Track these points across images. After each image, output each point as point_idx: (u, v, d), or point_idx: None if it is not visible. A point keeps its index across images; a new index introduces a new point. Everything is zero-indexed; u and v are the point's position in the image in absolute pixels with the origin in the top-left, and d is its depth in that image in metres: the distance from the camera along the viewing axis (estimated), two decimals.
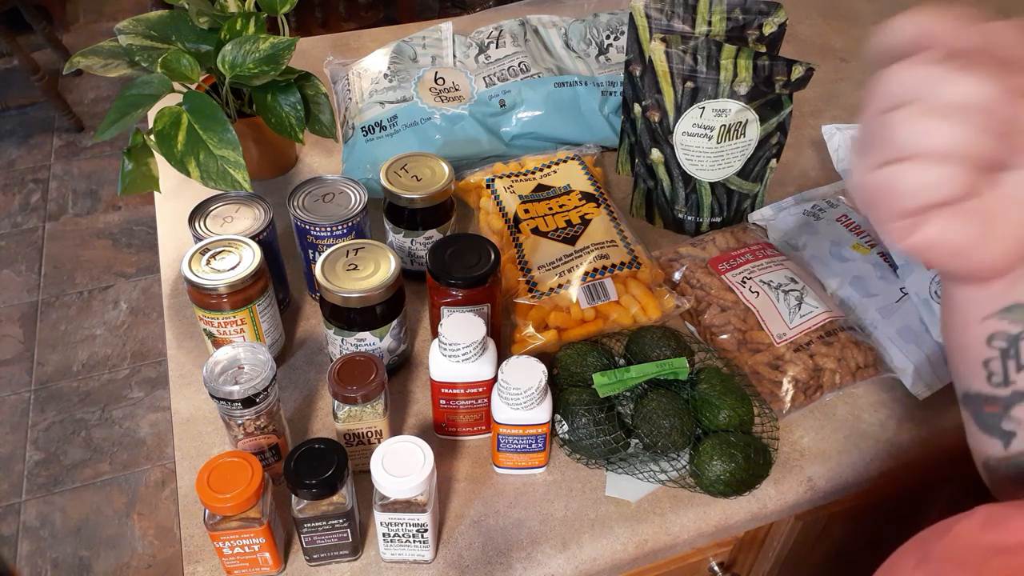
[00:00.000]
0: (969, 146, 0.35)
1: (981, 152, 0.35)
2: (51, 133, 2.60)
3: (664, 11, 0.78)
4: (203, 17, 0.80)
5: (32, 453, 1.72)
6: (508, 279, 0.74)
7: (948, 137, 0.35)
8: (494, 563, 0.60)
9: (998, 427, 0.45)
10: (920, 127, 0.35)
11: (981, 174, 0.36)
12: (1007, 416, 0.44)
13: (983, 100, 0.35)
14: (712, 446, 0.62)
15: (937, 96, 0.35)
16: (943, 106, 0.35)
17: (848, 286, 0.76)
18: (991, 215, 0.38)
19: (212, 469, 0.54)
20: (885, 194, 0.38)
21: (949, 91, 0.35)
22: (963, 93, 0.35)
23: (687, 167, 0.80)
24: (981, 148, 0.35)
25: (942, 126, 0.35)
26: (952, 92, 0.35)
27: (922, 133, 0.35)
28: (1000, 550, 0.36)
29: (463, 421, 0.66)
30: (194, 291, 0.65)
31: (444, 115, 0.87)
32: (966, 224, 0.38)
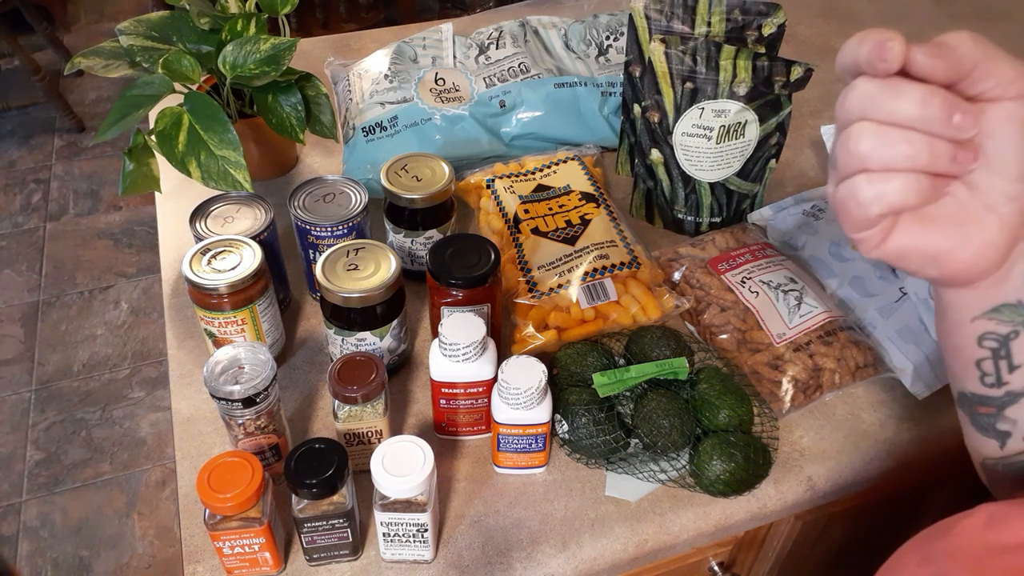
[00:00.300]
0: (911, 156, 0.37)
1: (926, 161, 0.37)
2: (52, 133, 2.60)
3: (663, 12, 0.79)
4: (204, 18, 0.80)
5: (32, 453, 1.72)
6: (508, 279, 0.74)
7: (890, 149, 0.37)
8: (494, 563, 0.60)
9: (993, 427, 0.45)
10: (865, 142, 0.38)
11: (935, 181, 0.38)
12: (1001, 416, 0.44)
13: (921, 113, 0.37)
14: (712, 446, 0.62)
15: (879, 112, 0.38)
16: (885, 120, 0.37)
17: (847, 286, 0.76)
18: (957, 220, 0.40)
19: (212, 469, 0.54)
20: (847, 207, 0.39)
21: (889, 106, 0.37)
22: (902, 108, 0.37)
23: (687, 167, 0.80)
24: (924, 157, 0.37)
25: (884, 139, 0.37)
26: (892, 107, 0.37)
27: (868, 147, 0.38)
28: (1003, 549, 0.36)
29: (463, 421, 0.66)
30: (195, 291, 0.65)
31: (444, 116, 0.88)
32: (930, 231, 0.40)
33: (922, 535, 0.40)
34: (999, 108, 0.38)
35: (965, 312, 0.44)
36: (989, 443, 0.46)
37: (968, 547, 0.37)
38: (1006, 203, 0.39)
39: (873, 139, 0.38)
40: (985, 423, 0.46)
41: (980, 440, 0.47)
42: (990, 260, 0.41)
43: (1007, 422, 0.44)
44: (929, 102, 0.37)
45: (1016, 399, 0.43)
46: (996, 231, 0.40)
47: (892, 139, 0.37)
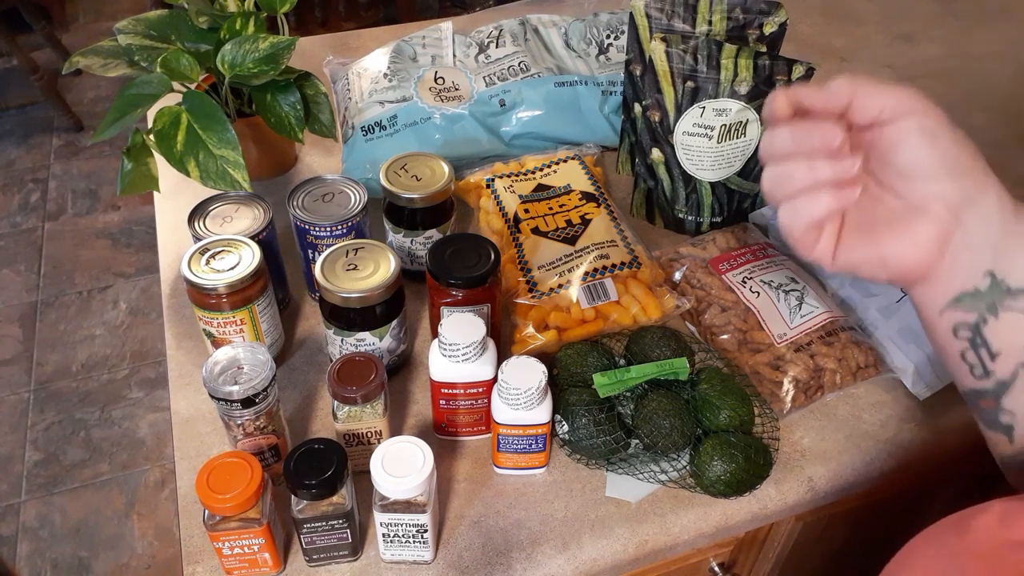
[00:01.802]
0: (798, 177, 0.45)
1: (808, 176, 0.45)
2: (50, 133, 2.60)
3: (664, 10, 0.78)
4: (202, 17, 0.80)
5: (31, 453, 1.72)
6: (508, 279, 0.74)
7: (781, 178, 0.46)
8: (494, 564, 0.59)
9: (998, 422, 0.47)
10: (765, 181, 0.47)
11: (843, 189, 0.45)
12: (1001, 408, 0.46)
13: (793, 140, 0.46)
14: (712, 446, 0.62)
15: (771, 152, 0.47)
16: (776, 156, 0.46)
17: (848, 286, 0.76)
18: (891, 224, 0.46)
19: (212, 469, 0.54)
20: (785, 235, 0.48)
21: (773, 145, 0.47)
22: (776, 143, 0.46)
23: (687, 167, 0.80)
24: (806, 174, 0.45)
25: (774, 173, 0.47)
26: (774, 146, 0.47)
27: (768, 184, 0.47)
28: (1017, 545, 0.36)
29: (463, 421, 0.66)
30: (193, 291, 0.65)
31: (444, 115, 0.87)
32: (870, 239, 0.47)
33: (934, 529, 0.40)
34: (896, 126, 0.44)
35: (933, 306, 0.48)
36: (999, 439, 0.47)
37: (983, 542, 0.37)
38: (930, 202, 0.45)
39: (769, 177, 0.47)
40: (990, 418, 0.47)
41: (991, 437, 0.48)
42: (928, 253, 0.46)
43: (1007, 414, 0.46)
44: (795, 130, 0.45)
45: (1007, 387, 0.45)
46: (928, 227, 0.45)
47: (780, 171, 0.46)
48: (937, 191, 0.45)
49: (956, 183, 0.45)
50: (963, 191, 0.45)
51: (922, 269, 0.46)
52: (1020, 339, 0.44)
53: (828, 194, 0.45)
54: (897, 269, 0.47)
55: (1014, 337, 0.44)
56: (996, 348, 0.45)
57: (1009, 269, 0.44)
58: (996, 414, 0.47)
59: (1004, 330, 0.44)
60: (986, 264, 0.45)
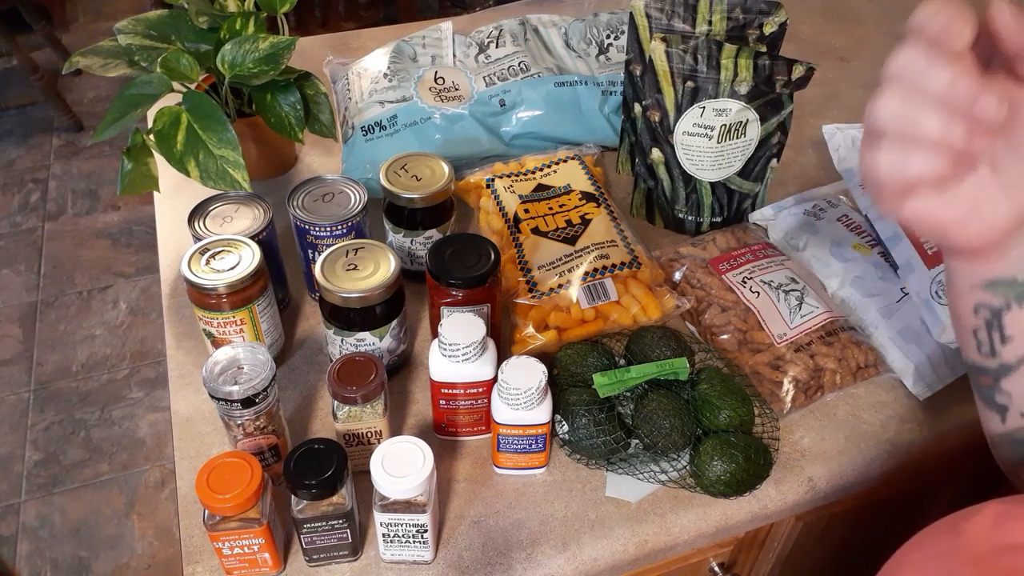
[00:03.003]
0: (924, 128, 0.37)
1: (938, 135, 0.37)
2: (50, 133, 2.60)
3: (664, 10, 0.78)
4: (202, 17, 0.80)
5: (31, 453, 1.72)
6: (508, 279, 0.74)
7: (907, 116, 0.38)
8: (494, 564, 0.59)
9: (994, 400, 0.47)
10: (888, 105, 0.38)
11: (956, 159, 0.38)
12: (998, 388, 0.46)
13: (949, 89, 0.36)
14: (712, 446, 0.62)
15: (912, 79, 0.37)
16: (915, 89, 0.37)
17: (849, 286, 0.76)
18: (972, 197, 0.41)
19: (211, 469, 0.54)
20: (866, 169, 0.41)
21: (922, 77, 0.37)
22: (932, 81, 0.37)
23: (687, 167, 0.80)
24: (938, 131, 0.37)
25: (905, 106, 0.38)
26: (924, 79, 0.37)
27: (888, 111, 0.38)
28: (1010, 548, 0.36)
29: (463, 421, 0.66)
30: (193, 291, 0.65)
31: (444, 115, 0.87)
32: (944, 202, 0.41)
33: (927, 532, 0.40)
34: None
35: (964, 281, 0.46)
36: (993, 417, 0.48)
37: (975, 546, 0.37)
38: (1022, 188, 0.40)
39: (896, 105, 0.38)
40: (987, 395, 0.48)
41: (986, 415, 0.49)
42: (993, 239, 0.42)
43: (1004, 395, 0.46)
44: (959, 81, 0.36)
45: (1009, 371, 0.45)
46: (1006, 213, 0.41)
47: (913, 107, 0.37)
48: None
49: None
50: None
51: (976, 248, 0.43)
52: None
53: (947, 160, 0.38)
54: (955, 241, 0.43)
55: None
56: (1009, 333, 0.45)
57: None
58: (993, 392, 0.47)
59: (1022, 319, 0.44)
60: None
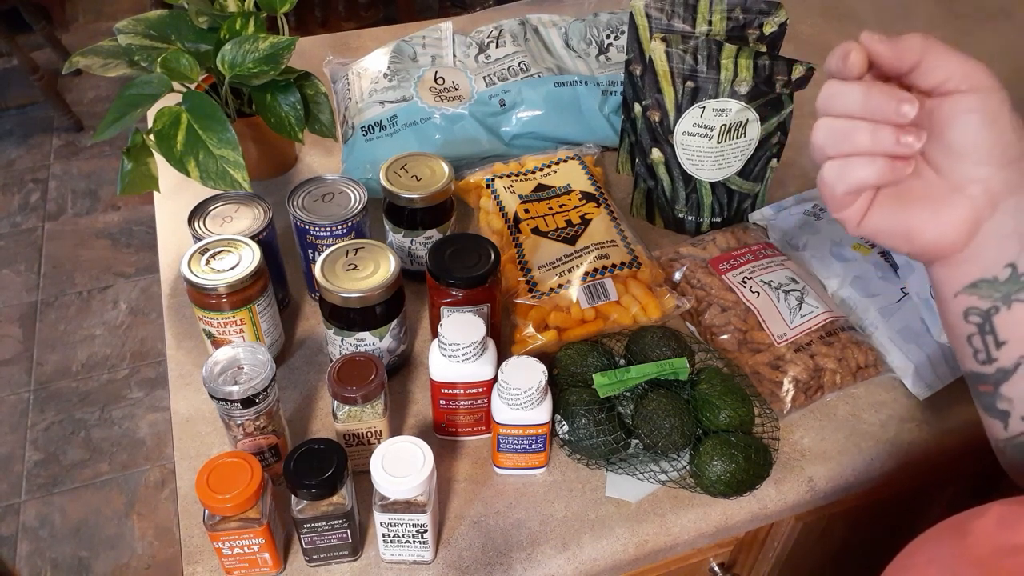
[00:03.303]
0: (858, 141, 0.43)
1: (869, 144, 0.42)
2: (50, 133, 2.60)
3: (664, 10, 0.78)
4: (202, 17, 0.80)
5: (31, 453, 1.72)
6: (508, 279, 0.74)
7: (839, 136, 0.43)
8: (494, 564, 0.59)
9: (995, 407, 0.47)
10: (820, 134, 0.44)
11: (892, 163, 0.43)
12: (999, 395, 0.47)
13: (864, 103, 0.42)
14: (712, 446, 0.62)
15: (832, 107, 0.44)
16: (837, 113, 0.44)
17: (849, 286, 0.76)
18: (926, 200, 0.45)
19: (211, 469, 0.54)
20: (821, 191, 0.46)
21: (839, 102, 0.43)
22: (848, 101, 0.43)
23: (687, 167, 0.80)
24: (868, 141, 0.42)
25: (833, 130, 0.44)
26: (841, 102, 0.43)
27: (822, 138, 0.44)
28: (1015, 549, 0.36)
29: (463, 421, 0.66)
30: (193, 291, 0.65)
31: (444, 115, 0.87)
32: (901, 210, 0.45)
33: (931, 534, 0.40)
34: (956, 100, 0.42)
35: (949, 287, 0.47)
36: (995, 424, 0.48)
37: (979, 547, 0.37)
38: (971, 185, 0.44)
39: (825, 131, 0.44)
40: (987, 403, 0.48)
41: (988, 421, 0.49)
42: (957, 236, 0.45)
43: (1005, 401, 0.46)
44: (870, 94, 0.42)
45: (1008, 376, 0.46)
46: (962, 210, 0.44)
47: (840, 128, 0.43)
48: (982, 175, 0.43)
49: (1003, 171, 0.43)
50: (1007, 180, 0.43)
51: (946, 249, 0.45)
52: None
53: (883, 164, 0.43)
54: (921, 245, 0.46)
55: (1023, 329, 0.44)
56: (1003, 337, 0.45)
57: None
58: (994, 399, 0.47)
59: (1014, 321, 0.45)
60: (1010, 256, 0.44)
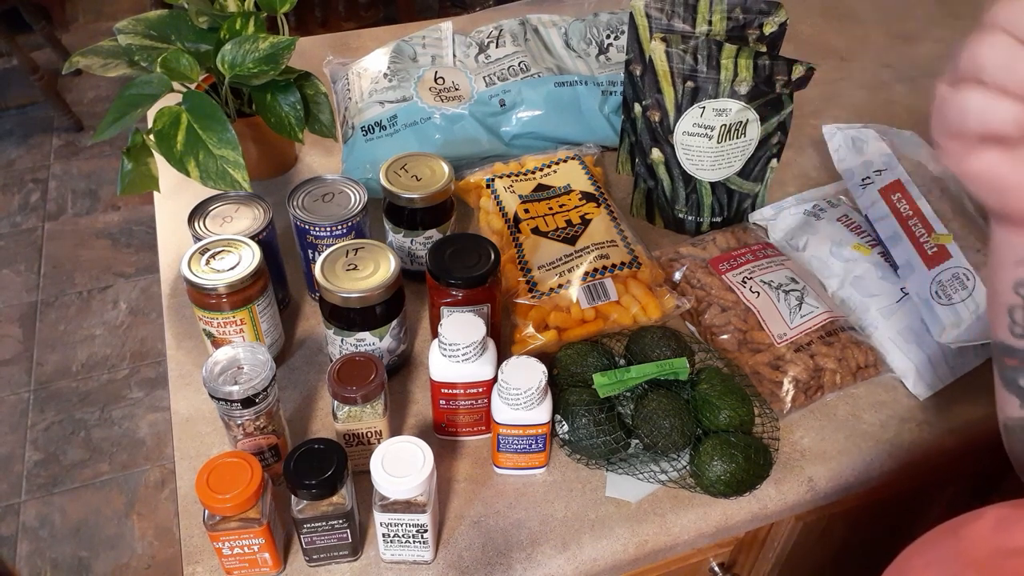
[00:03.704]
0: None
1: None
2: (50, 133, 2.59)
3: (664, 10, 0.78)
4: (202, 17, 0.80)
5: (31, 453, 1.72)
6: (508, 279, 0.74)
7: (1012, 67, 0.36)
8: (494, 564, 0.59)
9: (1016, 383, 0.45)
10: (993, 51, 0.37)
11: None
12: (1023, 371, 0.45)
13: None
14: (712, 446, 0.62)
15: (1019, 24, 0.36)
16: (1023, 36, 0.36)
17: (849, 286, 0.76)
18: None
19: (211, 469, 0.54)
20: (948, 109, 0.39)
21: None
22: None
23: (687, 167, 0.80)
24: None
25: (1012, 55, 0.36)
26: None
27: (993, 57, 0.37)
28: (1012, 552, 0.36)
29: (463, 421, 0.66)
30: (193, 291, 0.65)
31: (444, 115, 0.87)
32: (1011, 163, 0.39)
33: (928, 537, 0.40)
34: None
35: (1009, 254, 0.44)
36: (1011, 401, 0.47)
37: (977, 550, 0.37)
38: None
39: (1000, 49, 0.37)
40: (1010, 377, 0.46)
41: (1004, 397, 0.47)
42: None
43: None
44: None
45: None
46: None
47: (1016, 55, 0.36)
48: None
49: None
50: None
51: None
52: None
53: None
54: (1012, 205, 0.42)
55: None
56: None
57: None
58: (1017, 375, 0.45)
59: None
60: None
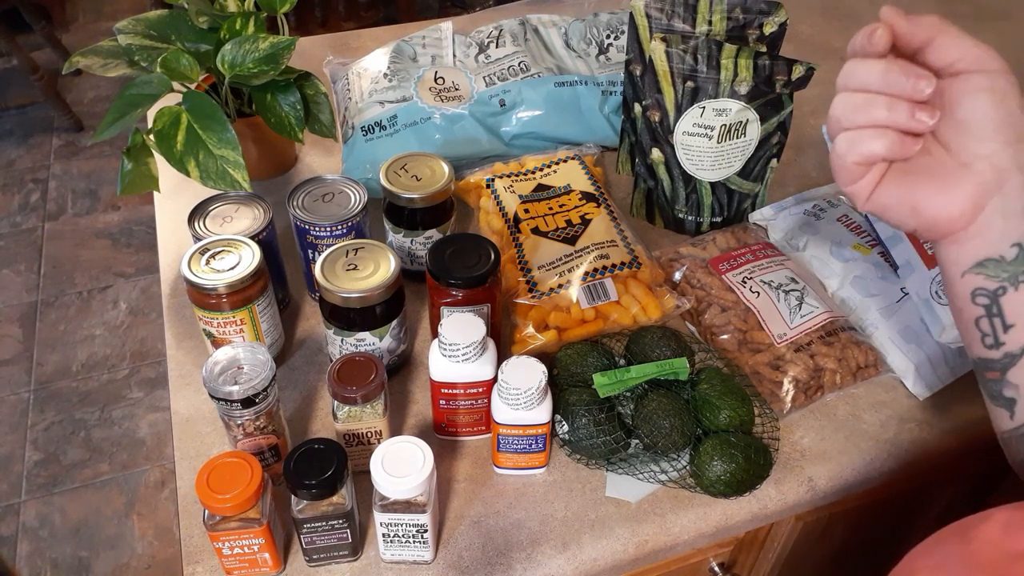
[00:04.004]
0: (874, 115, 0.45)
1: (886, 117, 0.44)
2: (50, 133, 2.60)
3: (664, 10, 0.78)
4: (202, 17, 0.80)
5: (31, 453, 1.72)
6: (508, 279, 0.74)
7: (856, 109, 0.45)
8: (494, 564, 0.59)
9: (1001, 395, 0.47)
10: (837, 106, 0.46)
11: (903, 138, 0.45)
12: (1006, 382, 0.47)
13: (883, 79, 0.44)
14: (712, 446, 0.62)
15: (851, 82, 0.46)
16: (856, 89, 0.46)
17: (849, 286, 0.76)
18: (934, 174, 0.46)
19: (211, 469, 0.54)
20: (833, 161, 0.47)
21: (858, 77, 0.45)
22: (868, 76, 0.45)
23: (687, 167, 0.80)
24: (885, 114, 0.44)
25: (850, 102, 0.45)
26: (860, 78, 0.45)
27: (839, 109, 0.46)
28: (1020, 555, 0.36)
29: (463, 421, 0.66)
30: (193, 291, 0.65)
31: (444, 115, 0.87)
32: (910, 184, 0.46)
33: (935, 539, 0.40)
34: (968, 79, 0.44)
35: (956, 267, 0.48)
36: (1001, 414, 0.48)
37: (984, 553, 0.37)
38: (978, 161, 0.45)
39: (843, 103, 0.46)
40: (994, 391, 0.48)
41: (995, 412, 0.49)
42: (962, 211, 0.45)
43: (1011, 388, 0.46)
44: (889, 69, 0.44)
45: (1015, 361, 0.46)
46: (968, 186, 0.45)
47: (857, 102, 0.45)
48: (989, 151, 0.44)
49: (1009, 148, 0.44)
50: (1014, 158, 0.44)
51: (952, 226, 0.46)
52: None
53: (894, 138, 0.45)
54: (927, 220, 0.46)
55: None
56: (1011, 320, 0.45)
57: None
58: (1000, 386, 0.47)
59: (1022, 303, 0.45)
60: (1018, 235, 0.45)
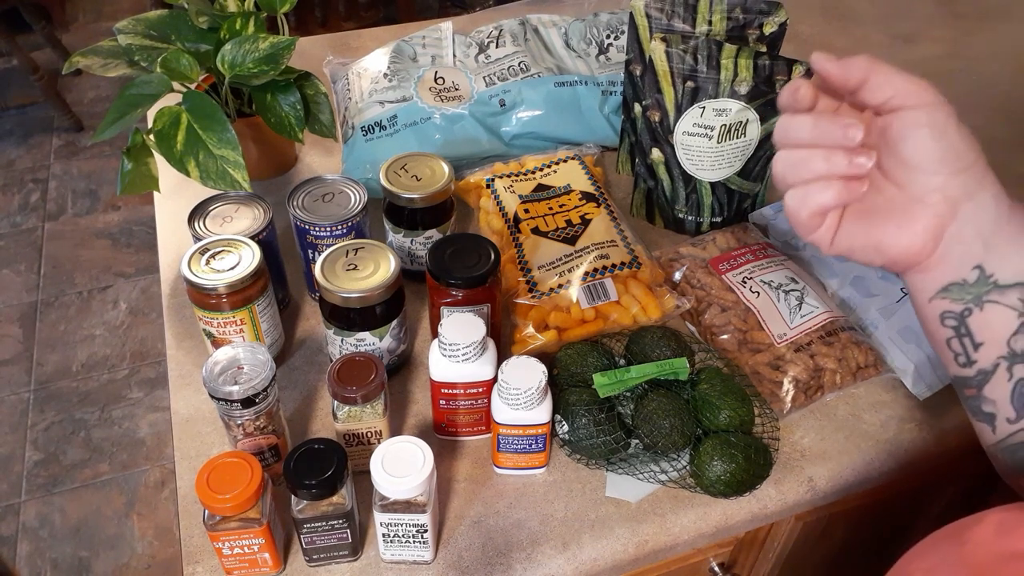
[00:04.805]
0: (813, 168, 0.46)
1: (825, 169, 0.46)
2: (50, 133, 2.60)
3: (664, 10, 0.78)
4: (202, 17, 0.80)
5: (31, 453, 1.72)
6: (508, 279, 0.74)
7: (796, 166, 0.47)
8: (494, 564, 0.60)
9: (981, 410, 0.49)
10: (778, 166, 0.48)
11: (848, 183, 0.46)
12: (983, 398, 0.48)
13: (813, 132, 0.46)
14: (712, 446, 0.62)
15: (786, 140, 0.48)
16: (791, 145, 0.47)
17: (849, 286, 0.76)
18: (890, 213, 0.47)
19: (211, 469, 0.54)
20: (789, 217, 0.49)
21: (792, 134, 0.47)
22: (800, 132, 0.47)
23: (687, 167, 0.80)
24: (823, 166, 0.46)
25: (789, 160, 0.47)
26: (793, 134, 0.47)
27: (780, 169, 0.48)
28: (1014, 556, 0.36)
29: (463, 421, 0.66)
30: (193, 291, 0.65)
31: (444, 115, 0.87)
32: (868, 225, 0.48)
33: (929, 541, 0.40)
34: (904, 115, 0.45)
35: (923, 294, 0.49)
36: (984, 428, 0.49)
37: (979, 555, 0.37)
38: (930, 194, 0.46)
39: (783, 162, 0.47)
40: (974, 407, 0.49)
41: (978, 427, 0.50)
42: (923, 243, 0.47)
43: (989, 403, 0.48)
44: (818, 123, 0.46)
45: (988, 377, 0.47)
46: (924, 219, 0.46)
47: (796, 158, 0.47)
48: (938, 184, 0.46)
49: (957, 178, 0.45)
50: (963, 186, 0.45)
51: (915, 258, 0.48)
52: (1002, 332, 0.46)
53: (840, 186, 0.46)
54: (891, 256, 0.48)
55: (996, 329, 0.46)
56: (979, 339, 0.47)
57: (997, 265, 0.46)
58: (979, 402, 0.49)
59: (987, 322, 0.47)
60: (976, 258, 0.46)
